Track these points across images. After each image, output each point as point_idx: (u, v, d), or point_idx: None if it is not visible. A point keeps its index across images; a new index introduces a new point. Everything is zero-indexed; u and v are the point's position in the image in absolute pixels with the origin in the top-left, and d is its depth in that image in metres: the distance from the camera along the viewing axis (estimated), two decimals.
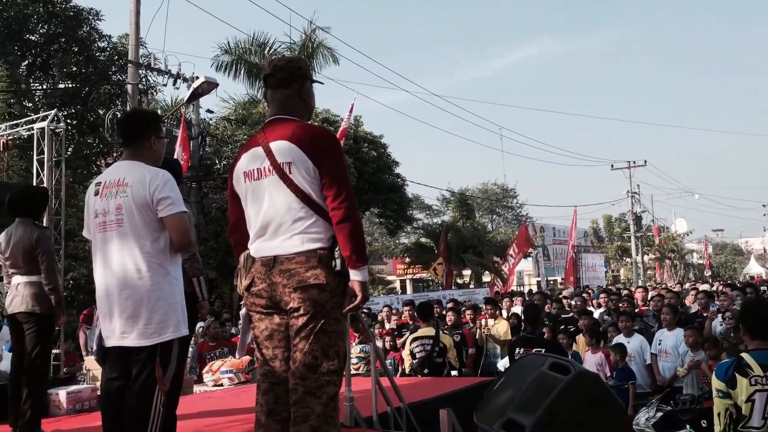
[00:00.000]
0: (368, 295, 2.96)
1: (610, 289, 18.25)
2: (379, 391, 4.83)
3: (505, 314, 10.58)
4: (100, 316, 3.53)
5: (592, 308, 11.54)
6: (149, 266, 3.32)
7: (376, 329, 10.32)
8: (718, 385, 3.61)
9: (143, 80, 17.21)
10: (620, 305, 10.08)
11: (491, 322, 9.49)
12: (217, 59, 19.29)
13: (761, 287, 15.73)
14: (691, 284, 22.83)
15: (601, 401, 3.47)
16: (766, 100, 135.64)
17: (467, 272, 30.32)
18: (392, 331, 10.23)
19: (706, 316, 9.31)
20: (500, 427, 3.37)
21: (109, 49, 19.08)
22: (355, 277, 2.86)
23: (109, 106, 17.44)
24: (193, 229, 3.93)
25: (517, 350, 6.77)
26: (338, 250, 2.87)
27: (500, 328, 9.32)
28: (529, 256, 29.81)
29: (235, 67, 19.36)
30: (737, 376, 3.55)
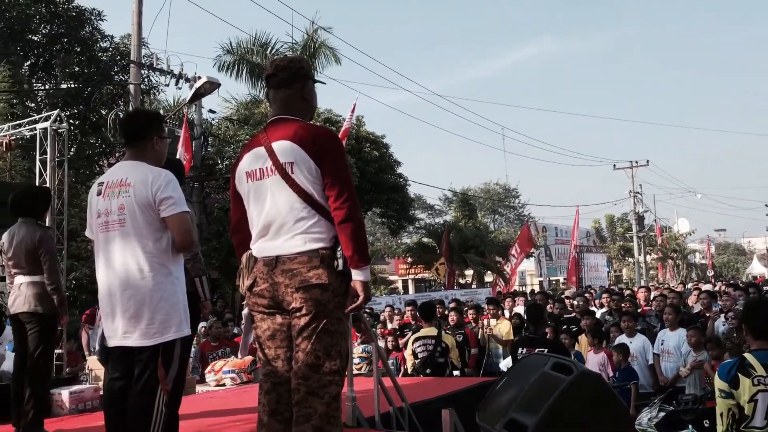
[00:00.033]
0: (370, 295, 2.96)
1: (612, 289, 18.24)
2: (381, 391, 4.83)
3: (507, 314, 10.59)
4: (102, 316, 3.54)
5: (594, 308, 11.54)
6: (152, 266, 3.33)
7: (378, 329, 10.32)
8: (720, 385, 3.61)
9: (145, 80, 17.19)
10: (623, 305, 10.07)
11: (493, 322, 9.50)
12: (219, 59, 19.36)
13: (764, 287, 15.70)
14: (693, 284, 22.79)
15: (603, 401, 3.46)
16: None
17: (469, 272, 30.31)
18: (394, 331, 10.21)
19: (708, 316, 9.30)
20: (502, 427, 3.36)
21: (111, 49, 19.09)
22: (357, 277, 2.86)
23: (111, 106, 17.45)
24: (195, 229, 3.94)
25: (519, 350, 6.76)
26: (340, 250, 2.87)
27: (502, 328, 9.33)
28: (531, 256, 29.74)
29: (237, 67, 19.40)
30: (740, 376, 3.55)
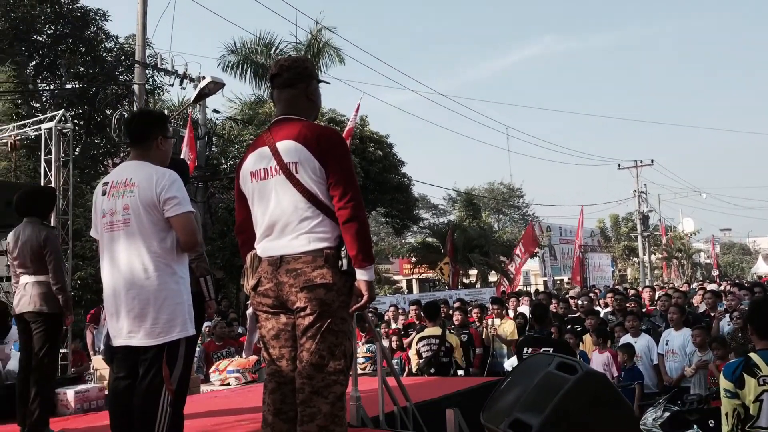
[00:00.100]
0: (374, 294, 2.96)
1: (617, 288, 18.19)
2: (385, 390, 4.83)
3: (511, 314, 10.58)
4: (107, 315, 3.54)
5: (598, 308, 11.52)
6: (156, 266, 3.33)
7: (382, 329, 10.33)
8: (726, 385, 3.60)
9: (150, 80, 17.26)
10: (627, 305, 10.05)
11: (498, 321, 9.50)
12: (223, 59, 19.38)
13: None
14: (698, 284, 22.70)
15: (608, 401, 3.46)
16: None
17: (473, 272, 30.28)
18: (399, 330, 10.22)
19: (713, 315, 9.28)
20: (507, 426, 3.36)
21: (116, 49, 19.16)
22: (361, 276, 2.86)
23: (116, 106, 17.51)
24: (199, 228, 3.94)
25: (525, 349, 6.74)
26: (345, 249, 2.87)
27: (507, 327, 9.33)
28: (535, 255, 29.71)
29: (241, 67, 19.41)
30: (745, 376, 3.54)
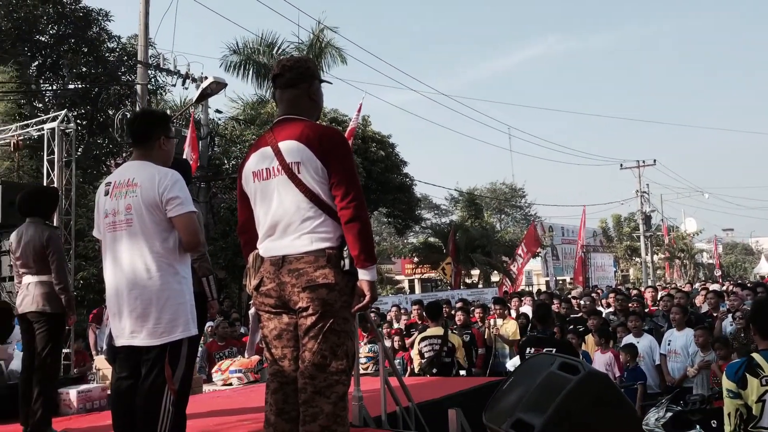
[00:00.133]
0: (377, 294, 2.95)
1: (619, 288, 18.18)
2: (387, 390, 4.83)
3: (513, 314, 10.57)
4: (110, 315, 3.55)
5: (600, 308, 11.50)
6: (159, 266, 3.34)
7: (384, 329, 10.32)
8: (728, 385, 3.60)
9: (152, 81, 17.28)
10: (629, 305, 10.04)
11: (500, 321, 9.49)
12: (225, 59, 19.42)
13: None
14: (701, 284, 22.69)
15: (610, 402, 3.45)
16: None
17: (476, 272, 30.25)
18: (401, 330, 10.22)
19: (716, 316, 9.26)
20: (509, 427, 3.35)
21: (118, 49, 19.19)
22: (363, 276, 2.86)
23: (118, 106, 17.53)
24: (202, 228, 3.95)
25: (528, 350, 6.73)
26: (347, 249, 2.87)
27: (509, 327, 9.32)
28: (537, 255, 29.71)
29: (243, 67, 19.44)
30: (748, 376, 3.54)
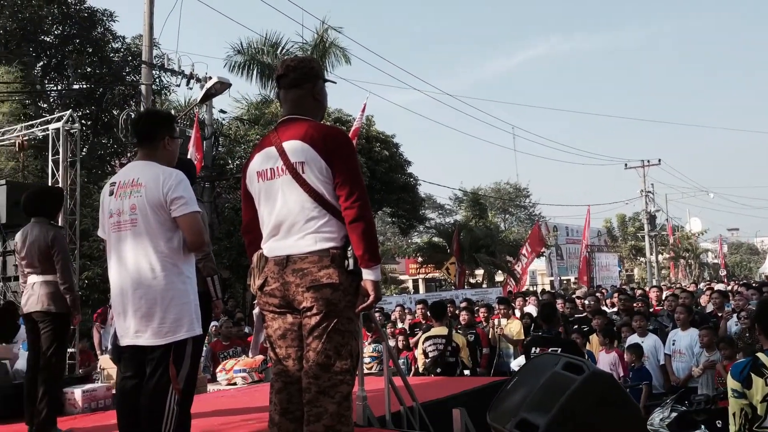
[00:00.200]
0: (381, 294, 2.96)
1: (624, 288, 18.15)
2: (392, 390, 4.83)
3: (518, 314, 10.57)
4: (114, 315, 3.56)
5: (605, 308, 11.49)
6: (163, 266, 3.34)
7: (388, 328, 10.33)
8: (733, 384, 3.59)
9: (157, 81, 17.31)
10: (634, 305, 10.03)
11: (504, 321, 9.49)
12: (229, 59, 19.44)
13: None
14: (705, 284, 22.63)
15: (615, 402, 3.44)
16: None
17: (480, 272, 30.25)
18: (405, 330, 10.23)
19: (721, 315, 9.25)
20: (513, 426, 3.35)
21: (123, 49, 19.23)
22: (367, 276, 2.86)
23: (123, 106, 17.57)
24: (206, 228, 3.95)
25: (533, 349, 6.73)
26: (351, 249, 2.87)
27: (513, 327, 9.32)
28: (542, 255, 29.65)
29: (247, 67, 19.47)
30: (753, 376, 3.53)
